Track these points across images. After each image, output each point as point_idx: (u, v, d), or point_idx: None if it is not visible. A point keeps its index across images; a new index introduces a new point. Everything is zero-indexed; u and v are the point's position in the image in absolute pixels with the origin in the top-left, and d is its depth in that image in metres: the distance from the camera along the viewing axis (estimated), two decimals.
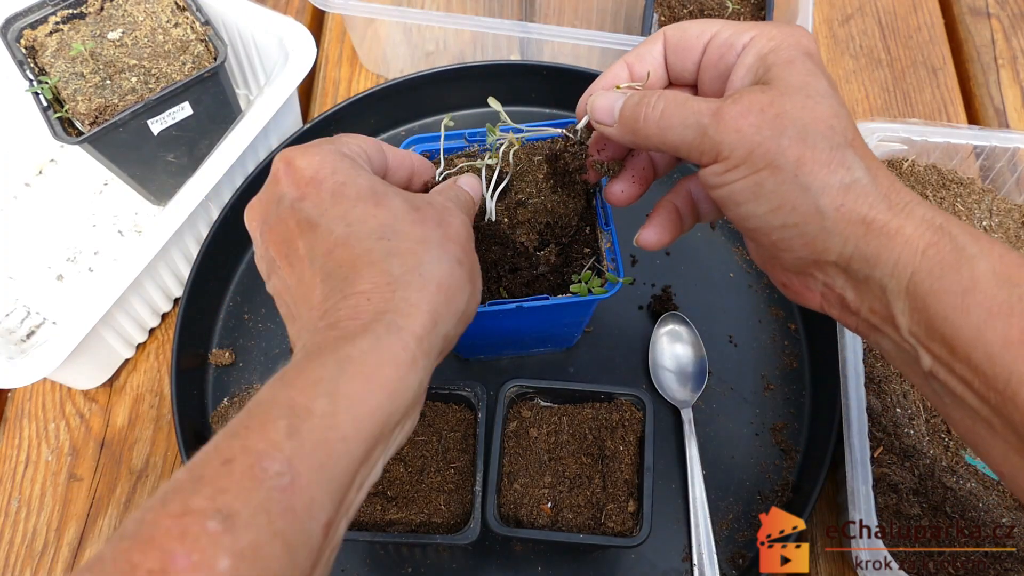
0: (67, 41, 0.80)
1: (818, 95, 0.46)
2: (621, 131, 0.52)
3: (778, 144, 0.44)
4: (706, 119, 0.46)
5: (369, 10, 0.88)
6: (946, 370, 0.43)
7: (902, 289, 0.44)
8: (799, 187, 0.44)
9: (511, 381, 0.70)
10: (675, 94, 0.49)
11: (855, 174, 0.44)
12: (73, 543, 0.74)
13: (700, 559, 0.69)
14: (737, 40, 0.50)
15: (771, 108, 0.45)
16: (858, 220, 0.44)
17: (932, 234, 0.43)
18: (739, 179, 0.46)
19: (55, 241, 0.87)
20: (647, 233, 0.57)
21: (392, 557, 0.71)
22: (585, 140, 0.59)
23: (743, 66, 0.49)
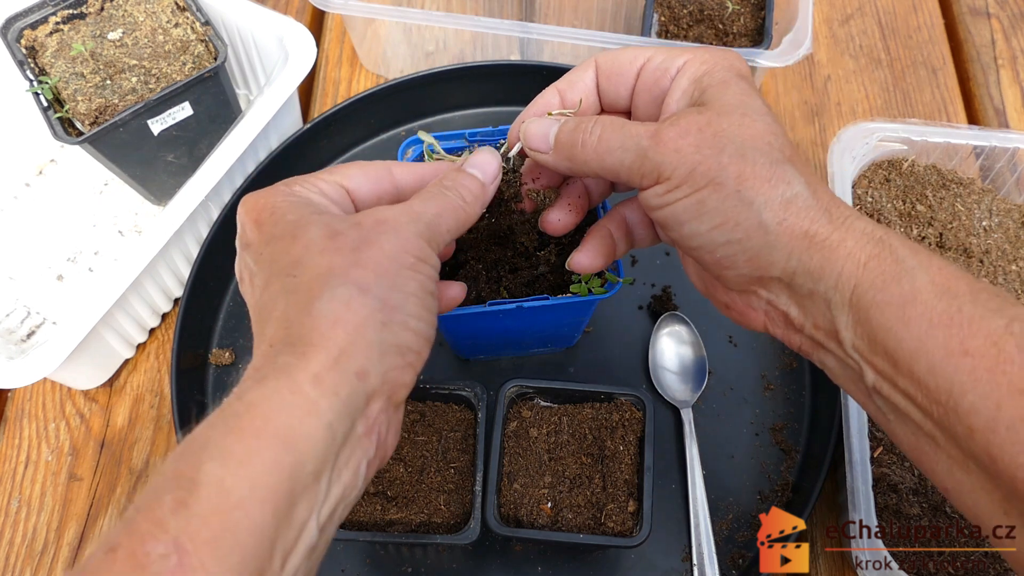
0: (67, 41, 0.80)
1: (754, 113, 0.46)
2: (557, 158, 0.51)
3: (718, 161, 0.44)
4: (645, 141, 0.46)
5: (369, 10, 0.89)
6: (889, 384, 0.43)
7: (845, 302, 0.44)
8: (742, 202, 0.44)
9: (511, 381, 0.70)
10: (611, 119, 0.49)
11: (795, 188, 0.45)
12: (73, 543, 0.74)
13: (700, 559, 0.69)
14: (671, 64, 0.50)
15: (709, 127, 0.45)
16: (800, 234, 0.44)
17: (873, 246, 0.44)
18: (681, 198, 0.46)
19: (55, 241, 0.87)
20: (580, 257, 0.56)
21: (392, 557, 0.71)
22: (518, 168, 0.58)
23: (678, 89, 0.49)
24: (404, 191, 0.52)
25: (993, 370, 0.39)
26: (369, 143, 0.93)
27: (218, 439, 0.37)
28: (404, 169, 0.53)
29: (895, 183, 0.81)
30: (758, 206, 0.44)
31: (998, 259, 0.77)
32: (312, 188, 0.48)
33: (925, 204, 0.80)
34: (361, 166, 0.51)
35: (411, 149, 0.71)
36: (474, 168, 0.52)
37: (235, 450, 0.37)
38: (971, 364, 0.40)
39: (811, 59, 1.01)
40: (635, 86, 0.52)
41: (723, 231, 0.45)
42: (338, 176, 0.50)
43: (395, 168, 0.52)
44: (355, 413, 0.41)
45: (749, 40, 0.90)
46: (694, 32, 0.91)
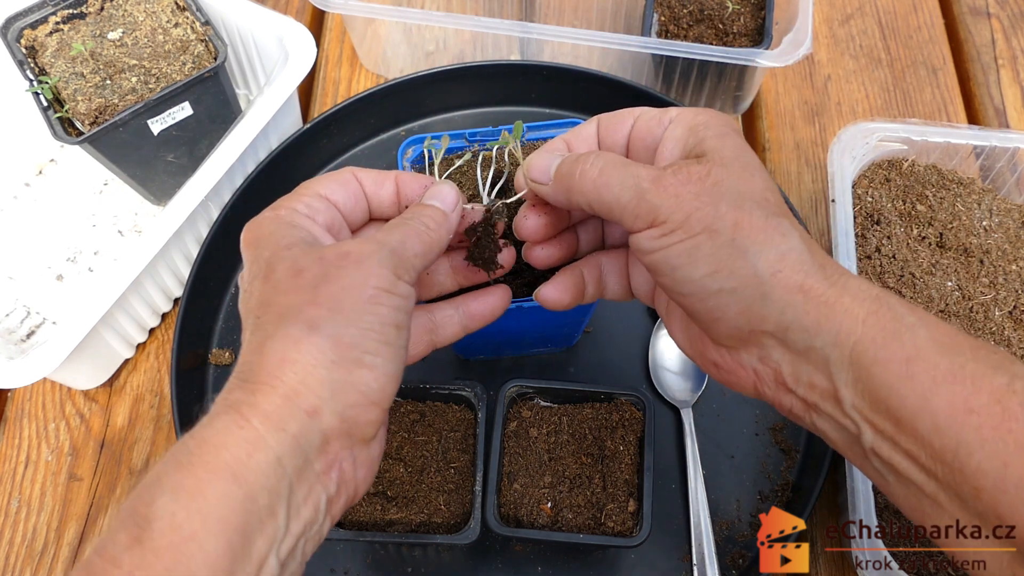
0: (67, 41, 0.80)
1: (752, 168, 0.47)
2: (556, 188, 0.51)
3: (716, 209, 0.44)
4: (646, 183, 0.46)
5: (369, 10, 0.88)
6: (890, 444, 0.43)
7: (845, 359, 0.43)
8: (737, 250, 0.44)
9: (511, 381, 0.70)
10: (615, 156, 0.49)
11: (791, 242, 0.44)
12: (73, 543, 0.74)
13: (700, 559, 0.69)
14: (663, 116, 0.51)
15: (709, 178, 0.45)
16: (795, 287, 0.44)
17: (871, 303, 0.43)
18: (676, 243, 0.45)
19: (55, 241, 0.87)
20: (547, 290, 0.56)
21: (392, 557, 0.71)
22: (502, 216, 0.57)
23: (671, 138, 0.50)
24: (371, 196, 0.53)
25: (999, 428, 0.39)
26: (369, 143, 0.93)
27: (170, 474, 0.38)
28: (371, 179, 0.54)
29: (895, 183, 0.81)
30: (753, 255, 0.44)
31: (998, 259, 0.77)
32: (298, 205, 0.49)
33: (925, 204, 0.80)
34: (329, 175, 0.52)
35: (411, 149, 0.71)
36: (433, 199, 0.52)
37: (186, 484, 0.37)
38: (977, 422, 0.39)
39: (811, 59, 1.01)
40: (630, 134, 0.53)
41: (716, 278, 0.45)
42: (316, 188, 0.51)
43: (362, 178, 0.53)
44: (308, 450, 0.41)
45: (749, 40, 0.90)
46: (694, 32, 0.91)
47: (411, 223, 0.49)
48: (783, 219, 0.45)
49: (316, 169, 0.90)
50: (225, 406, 0.40)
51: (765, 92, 0.99)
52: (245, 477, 0.38)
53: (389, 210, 0.54)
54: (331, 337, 0.42)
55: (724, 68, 0.89)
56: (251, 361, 0.42)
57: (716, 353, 0.50)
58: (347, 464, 0.43)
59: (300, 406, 0.41)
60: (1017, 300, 0.76)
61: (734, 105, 0.96)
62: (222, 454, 0.38)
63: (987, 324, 0.74)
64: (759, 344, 0.46)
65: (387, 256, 0.45)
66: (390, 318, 0.44)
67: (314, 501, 0.42)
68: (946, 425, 0.40)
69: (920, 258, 0.77)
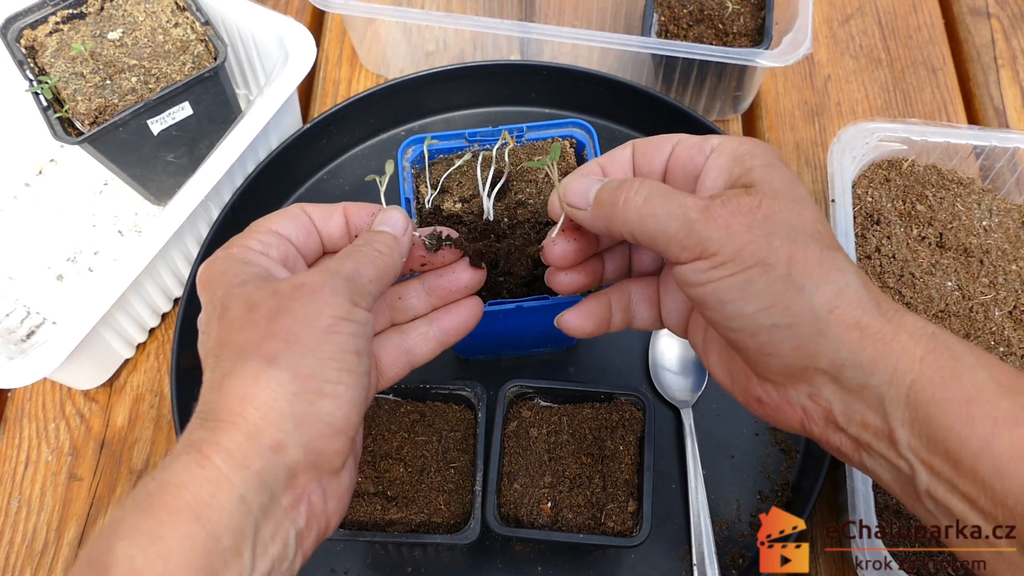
0: (67, 41, 0.80)
1: (803, 200, 0.46)
2: (595, 215, 0.49)
3: (769, 243, 0.43)
4: (694, 214, 0.45)
5: (369, 10, 0.89)
6: (946, 487, 0.41)
7: (901, 398, 0.42)
8: (792, 286, 0.43)
9: (511, 381, 0.70)
10: (659, 184, 0.47)
11: (848, 278, 0.43)
12: (73, 543, 0.74)
13: (700, 559, 0.69)
14: (704, 144, 0.50)
15: (760, 210, 0.44)
16: (852, 324, 0.43)
17: (928, 341, 0.42)
18: (726, 276, 0.44)
19: (55, 241, 0.87)
20: (571, 316, 0.55)
21: (392, 557, 0.71)
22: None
23: (715, 167, 0.48)
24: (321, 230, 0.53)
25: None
26: (369, 143, 0.93)
27: (129, 518, 0.37)
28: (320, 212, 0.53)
29: (895, 183, 0.81)
30: (809, 291, 0.42)
31: (998, 259, 0.77)
32: (251, 242, 0.49)
33: (925, 204, 0.80)
34: (279, 212, 0.52)
35: (411, 149, 0.71)
36: (383, 225, 0.52)
37: (145, 527, 0.36)
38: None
39: (811, 59, 1.01)
40: (668, 161, 0.51)
41: (770, 314, 0.43)
42: (268, 224, 0.50)
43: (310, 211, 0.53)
44: (274, 485, 0.40)
45: (749, 40, 0.90)
46: (694, 32, 0.91)
47: (363, 250, 0.49)
48: (838, 253, 0.44)
49: (316, 169, 0.90)
50: (186, 446, 0.40)
51: (765, 92, 0.99)
52: (208, 517, 0.37)
53: (340, 242, 0.53)
54: (290, 369, 0.41)
55: (724, 68, 0.89)
56: (211, 399, 0.42)
57: (761, 389, 0.48)
58: (316, 497, 0.43)
59: (263, 442, 0.40)
60: (1017, 300, 0.76)
61: (734, 105, 0.96)
62: (183, 494, 0.38)
63: (987, 324, 0.74)
64: (810, 381, 0.45)
65: (341, 284, 0.45)
66: (349, 345, 0.44)
67: (282, 537, 0.41)
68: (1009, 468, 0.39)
69: (920, 258, 0.77)
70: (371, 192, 0.89)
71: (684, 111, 0.87)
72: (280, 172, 0.86)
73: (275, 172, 0.85)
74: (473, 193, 0.70)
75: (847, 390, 0.44)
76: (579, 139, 0.72)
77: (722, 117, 0.97)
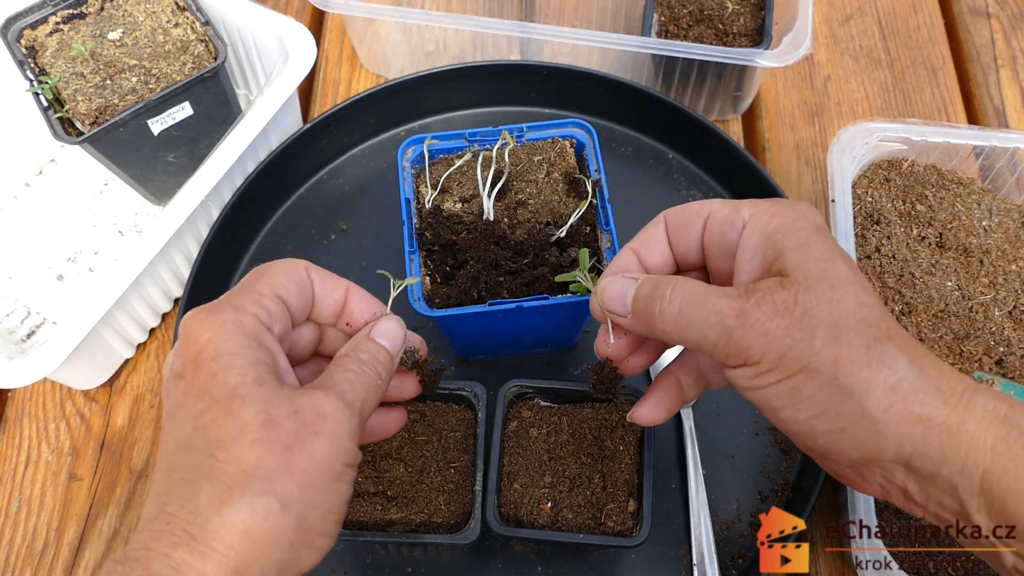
0: (67, 41, 0.80)
1: (842, 284, 0.43)
2: (636, 322, 0.49)
3: (810, 345, 0.42)
4: (730, 320, 0.43)
5: (369, 10, 0.89)
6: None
7: (975, 489, 0.41)
8: (840, 391, 0.41)
9: (511, 381, 0.70)
10: (691, 287, 0.46)
11: (899, 372, 0.41)
12: (73, 543, 0.74)
13: (700, 559, 0.69)
14: (735, 216, 0.48)
15: (797, 306, 0.42)
16: (912, 419, 0.41)
17: (999, 427, 0.41)
18: (773, 383, 0.43)
19: (55, 241, 0.87)
20: (643, 411, 0.54)
21: (392, 557, 0.71)
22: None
23: (748, 247, 0.47)
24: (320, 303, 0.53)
25: None
26: (369, 143, 0.93)
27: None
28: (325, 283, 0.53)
29: (895, 183, 0.81)
30: (859, 394, 0.41)
31: (998, 259, 0.77)
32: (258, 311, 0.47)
33: (925, 204, 0.80)
34: (287, 272, 0.50)
35: (411, 149, 0.71)
36: (384, 339, 0.52)
37: None
38: None
39: (811, 59, 1.01)
40: (703, 237, 0.50)
41: (823, 420, 0.42)
42: (275, 286, 0.49)
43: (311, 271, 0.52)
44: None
45: (749, 40, 0.90)
46: (694, 32, 0.91)
47: (368, 373, 0.49)
48: (887, 344, 0.42)
49: (316, 169, 0.90)
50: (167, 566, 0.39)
51: (765, 92, 0.99)
52: None
53: (329, 317, 0.53)
54: (298, 518, 0.42)
55: (724, 68, 0.89)
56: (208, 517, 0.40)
57: (836, 467, 0.47)
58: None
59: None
60: (1017, 300, 0.76)
61: (734, 105, 0.96)
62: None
63: (987, 324, 0.74)
64: (881, 466, 0.44)
65: (356, 426, 0.46)
66: (346, 495, 0.45)
67: None
68: None
69: (920, 258, 0.77)
70: (372, 192, 0.89)
71: (684, 111, 0.87)
72: (280, 172, 0.86)
73: (275, 172, 0.85)
74: (473, 193, 0.70)
75: (920, 476, 0.43)
76: (579, 139, 0.72)
77: (722, 117, 0.97)
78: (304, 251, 0.86)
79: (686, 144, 0.90)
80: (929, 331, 0.74)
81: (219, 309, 0.46)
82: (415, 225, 0.68)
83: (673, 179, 0.90)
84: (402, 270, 0.66)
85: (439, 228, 0.67)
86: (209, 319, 0.45)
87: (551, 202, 0.69)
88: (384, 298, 0.56)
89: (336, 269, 0.83)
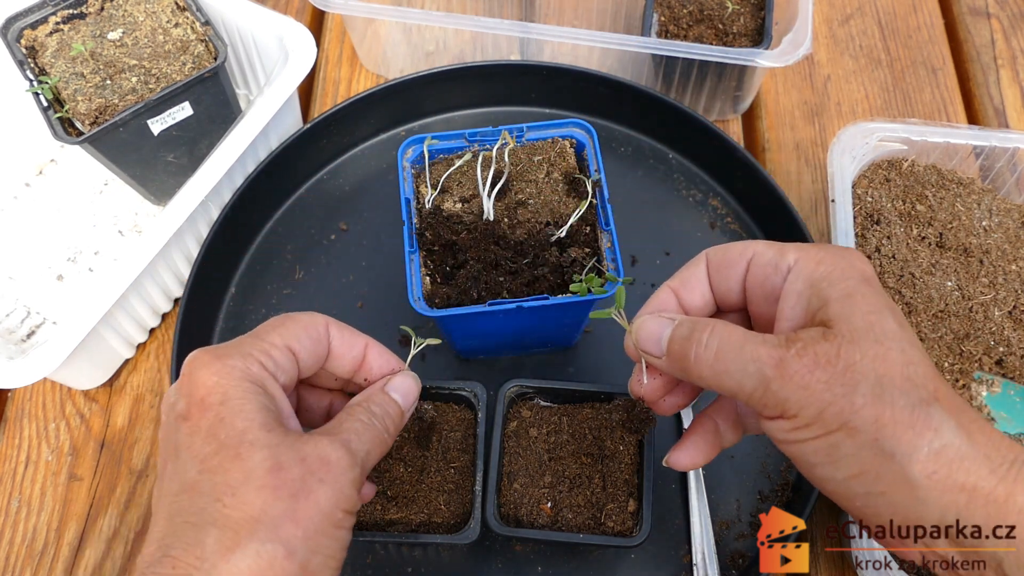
0: (67, 41, 0.80)
1: (887, 339, 0.41)
2: (670, 365, 0.47)
3: (851, 402, 0.40)
4: (769, 371, 0.42)
5: (369, 10, 0.89)
6: None
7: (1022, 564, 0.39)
8: (881, 453, 0.40)
9: (511, 381, 0.70)
10: (729, 332, 0.45)
11: (945, 437, 0.39)
12: (73, 543, 0.74)
13: (700, 559, 0.69)
14: (780, 261, 0.46)
15: (839, 360, 0.41)
16: (957, 487, 0.39)
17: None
18: (810, 439, 0.41)
19: (55, 241, 0.87)
20: (679, 455, 0.52)
21: (392, 557, 0.71)
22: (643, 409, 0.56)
23: (793, 293, 0.45)
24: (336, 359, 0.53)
25: None
26: (369, 143, 0.93)
27: None
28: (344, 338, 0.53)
29: (895, 183, 0.81)
30: (901, 457, 0.39)
31: (998, 259, 0.77)
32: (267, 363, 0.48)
33: (925, 204, 0.80)
34: (304, 326, 0.51)
35: (411, 149, 0.71)
36: (397, 394, 0.53)
37: None
38: None
39: (811, 59, 1.01)
40: (745, 279, 0.49)
41: (862, 482, 0.41)
42: (288, 339, 0.50)
43: (332, 328, 0.53)
44: None
45: (749, 40, 0.90)
46: (694, 32, 0.91)
47: (376, 427, 0.50)
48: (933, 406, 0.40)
49: (316, 169, 0.90)
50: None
51: (765, 92, 0.99)
52: None
53: (348, 371, 0.54)
54: (301, 564, 0.43)
55: (724, 68, 0.89)
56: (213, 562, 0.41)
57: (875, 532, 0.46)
58: None
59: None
60: (1017, 300, 0.76)
61: (734, 105, 0.96)
62: None
63: (987, 324, 0.74)
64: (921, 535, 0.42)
65: (357, 475, 0.47)
66: (345, 540, 0.46)
67: None
68: None
69: (920, 258, 0.77)
70: (372, 192, 0.89)
71: (684, 111, 0.87)
72: (280, 172, 0.86)
73: (275, 172, 0.85)
74: (473, 193, 0.70)
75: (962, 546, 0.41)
76: (579, 139, 0.72)
77: (722, 117, 0.97)
78: (304, 251, 0.86)
79: (686, 144, 0.90)
80: (929, 331, 0.74)
81: (227, 354, 0.47)
82: (415, 225, 0.68)
83: (673, 179, 0.90)
84: (402, 270, 0.66)
85: (439, 228, 0.67)
86: (216, 363, 0.46)
87: (551, 202, 0.69)
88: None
89: (336, 269, 0.85)
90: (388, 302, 0.81)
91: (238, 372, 0.46)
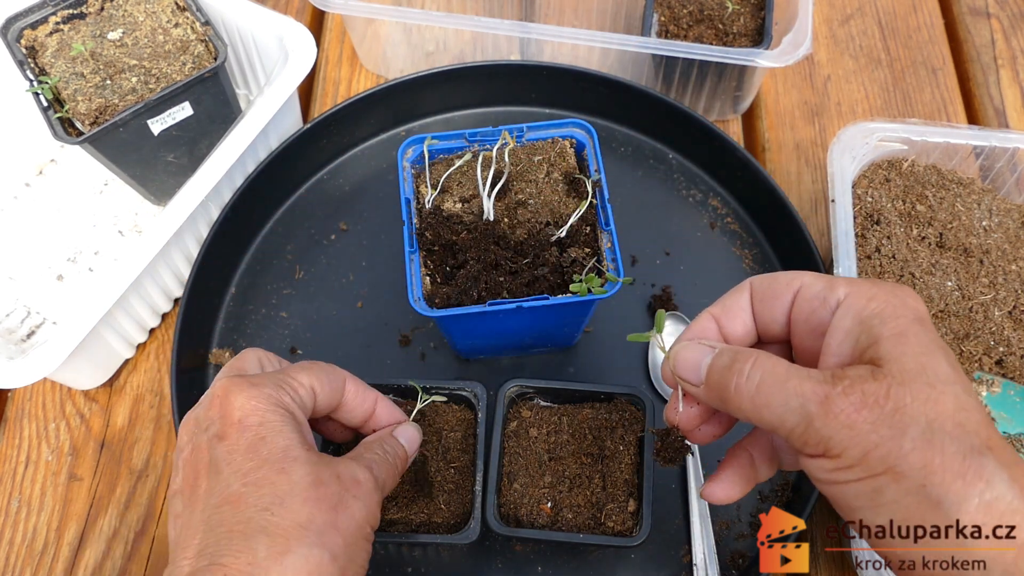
0: (67, 41, 0.80)
1: (940, 382, 0.40)
2: (708, 394, 0.46)
3: (899, 445, 0.38)
4: (813, 407, 0.40)
5: (369, 10, 0.89)
6: None
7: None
8: (927, 500, 0.38)
9: (511, 381, 0.70)
10: (772, 364, 0.43)
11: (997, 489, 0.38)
12: (73, 543, 0.74)
13: (700, 559, 0.69)
14: (829, 295, 0.45)
15: (888, 401, 0.39)
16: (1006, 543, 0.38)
17: None
18: (853, 480, 0.40)
19: (55, 241, 0.87)
20: (715, 489, 0.50)
21: (392, 557, 0.71)
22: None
23: (840, 329, 0.44)
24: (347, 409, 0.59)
25: None
26: (369, 143, 0.93)
27: None
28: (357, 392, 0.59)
29: (895, 183, 0.81)
30: (949, 507, 0.38)
31: (998, 259, 0.77)
32: (295, 397, 0.53)
33: (925, 204, 0.80)
34: (328, 373, 0.57)
35: (411, 149, 0.71)
36: (404, 439, 0.59)
37: None
38: None
39: (811, 59, 1.01)
40: (791, 312, 0.47)
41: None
42: (312, 378, 0.55)
43: (349, 382, 0.58)
44: None
45: (749, 40, 0.90)
46: (694, 32, 0.91)
47: (390, 460, 0.56)
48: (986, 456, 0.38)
49: (316, 169, 0.90)
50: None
51: (765, 92, 0.99)
52: None
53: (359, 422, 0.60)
54: (342, 569, 0.47)
55: (724, 68, 0.89)
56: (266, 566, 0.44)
57: None
58: None
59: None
60: (1017, 300, 0.76)
61: (734, 105, 0.96)
62: None
63: (987, 324, 0.74)
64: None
65: (380, 497, 0.53)
66: (370, 553, 0.51)
67: None
68: None
69: (920, 258, 0.77)
70: (372, 192, 0.89)
71: (684, 111, 0.87)
72: (280, 172, 0.86)
73: (275, 172, 0.85)
74: (473, 193, 0.70)
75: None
76: (579, 139, 0.72)
77: (722, 117, 0.97)
78: (304, 251, 0.86)
79: (686, 144, 0.90)
80: None
81: (262, 383, 0.51)
82: (415, 225, 0.68)
83: (673, 179, 0.90)
84: (402, 270, 0.66)
85: (439, 228, 0.67)
86: (252, 390, 0.51)
87: (551, 202, 0.69)
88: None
89: (336, 269, 0.85)
90: (388, 302, 0.81)
91: (272, 399, 0.51)
